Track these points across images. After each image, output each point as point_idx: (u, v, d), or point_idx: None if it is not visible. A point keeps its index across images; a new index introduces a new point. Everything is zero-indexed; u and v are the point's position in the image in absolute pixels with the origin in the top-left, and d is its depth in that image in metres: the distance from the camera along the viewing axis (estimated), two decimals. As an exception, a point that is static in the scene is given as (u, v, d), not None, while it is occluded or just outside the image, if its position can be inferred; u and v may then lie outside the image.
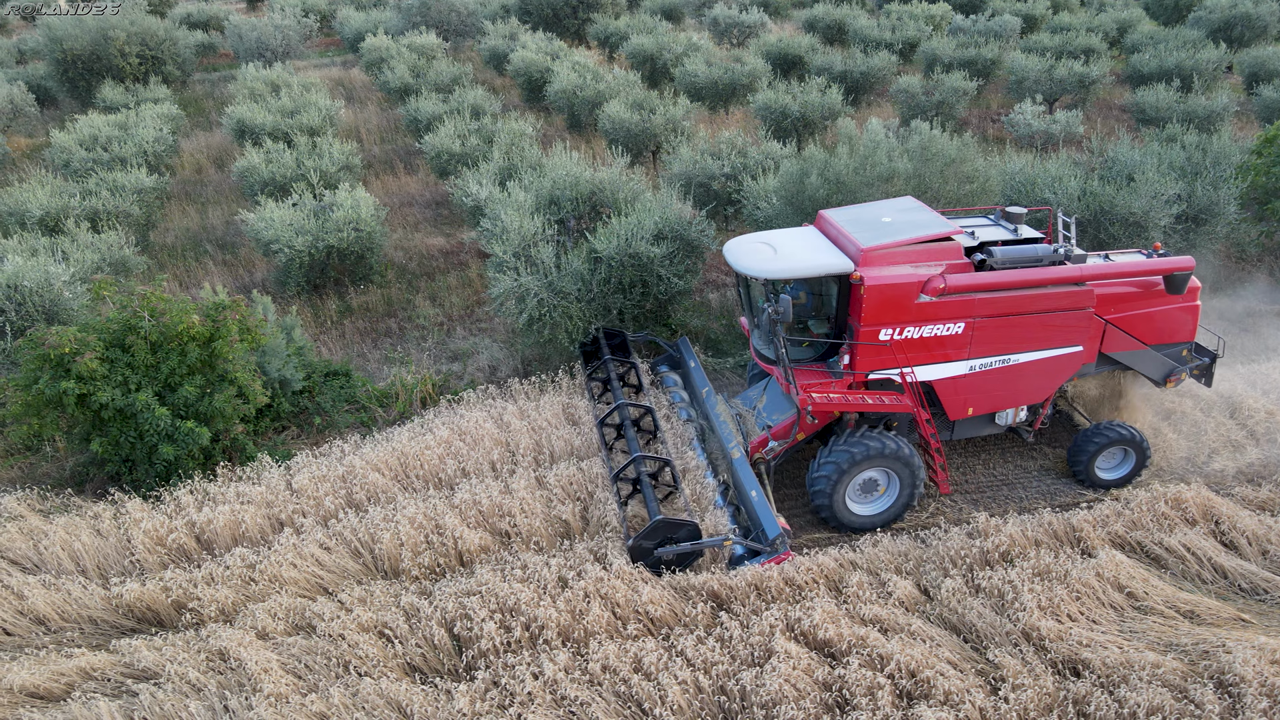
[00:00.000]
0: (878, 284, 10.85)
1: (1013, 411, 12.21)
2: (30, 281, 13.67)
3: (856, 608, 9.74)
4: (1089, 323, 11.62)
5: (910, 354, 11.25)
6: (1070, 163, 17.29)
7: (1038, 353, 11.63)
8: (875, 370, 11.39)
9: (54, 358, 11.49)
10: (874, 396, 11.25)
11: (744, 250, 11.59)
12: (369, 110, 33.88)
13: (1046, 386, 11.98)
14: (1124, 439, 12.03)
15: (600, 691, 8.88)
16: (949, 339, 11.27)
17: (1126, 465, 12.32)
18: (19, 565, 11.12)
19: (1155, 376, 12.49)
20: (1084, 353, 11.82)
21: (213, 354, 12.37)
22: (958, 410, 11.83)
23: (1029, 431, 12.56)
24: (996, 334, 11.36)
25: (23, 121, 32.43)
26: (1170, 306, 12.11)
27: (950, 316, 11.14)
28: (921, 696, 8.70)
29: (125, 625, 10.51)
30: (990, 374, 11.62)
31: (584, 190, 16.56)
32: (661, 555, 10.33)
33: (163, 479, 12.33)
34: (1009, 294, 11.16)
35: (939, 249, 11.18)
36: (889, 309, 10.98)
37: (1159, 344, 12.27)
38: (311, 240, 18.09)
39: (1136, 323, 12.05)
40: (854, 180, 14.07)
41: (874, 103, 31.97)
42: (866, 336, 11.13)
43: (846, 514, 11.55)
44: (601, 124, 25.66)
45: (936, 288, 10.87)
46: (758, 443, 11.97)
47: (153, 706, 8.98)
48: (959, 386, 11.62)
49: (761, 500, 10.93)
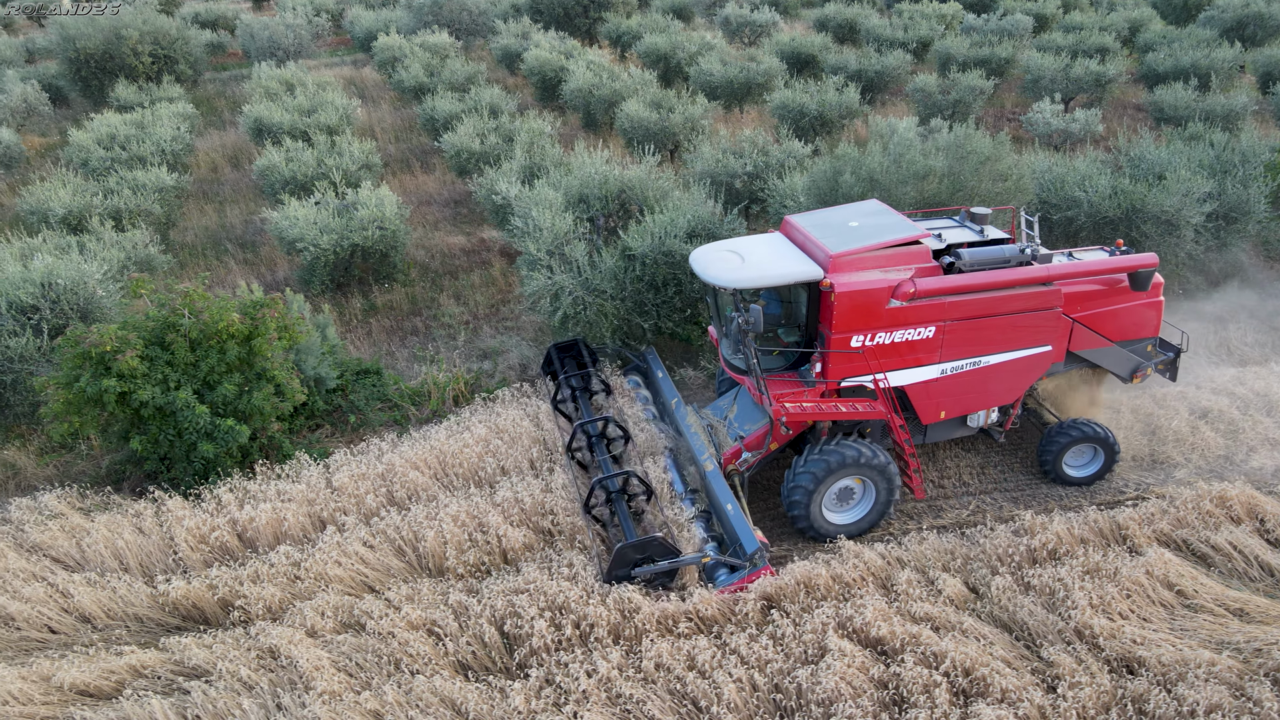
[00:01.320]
0: (848, 290, 10.70)
1: (984, 413, 12.12)
2: (64, 279, 13.65)
3: (907, 606, 9.73)
4: (1057, 322, 11.57)
5: (882, 360, 11.14)
6: (1098, 161, 17.28)
7: (1008, 354, 11.58)
8: (848, 377, 11.26)
9: (95, 356, 11.47)
10: (847, 404, 11.14)
11: (711, 259, 11.34)
12: (382, 109, 33.86)
13: (1017, 387, 11.93)
14: (1092, 437, 12.05)
15: (654, 689, 8.87)
16: (920, 343, 11.17)
17: (1096, 463, 12.36)
18: (61, 563, 11.10)
19: (1122, 373, 12.50)
20: (1053, 352, 11.78)
21: (251, 352, 12.35)
22: (930, 414, 11.76)
23: (1000, 432, 12.49)
24: (967, 336, 11.28)
25: (36, 120, 32.42)
26: (1135, 303, 12.14)
27: (921, 321, 11.04)
28: (978, 695, 8.69)
29: (171, 623, 10.49)
30: (961, 376, 11.56)
31: (612, 188, 16.54)
32: (639, 575, 10.01)
33: (201, 477, 12.31)
34: (978, 296, 11.09)
35: (907, 253, 11.04)
36: (860, 315, 10.85)
37: (1124, 340, 12.30)
38: (337, 239, 18.07)
39: (1103, 320, 12.04)
40: (888, 178, 14.04)
41: (888, 102, 31.94)
42: (838, 344, 10.99)
43: (823, 523, 11.38)
44: (620, 122, 25.63)
45: (907, 292, 10.75)
46: (731, 454, 11.72)
47: (205, 704, 8.96)
48: (931, 390, 11.54)
49: (738, 514, 10.68)
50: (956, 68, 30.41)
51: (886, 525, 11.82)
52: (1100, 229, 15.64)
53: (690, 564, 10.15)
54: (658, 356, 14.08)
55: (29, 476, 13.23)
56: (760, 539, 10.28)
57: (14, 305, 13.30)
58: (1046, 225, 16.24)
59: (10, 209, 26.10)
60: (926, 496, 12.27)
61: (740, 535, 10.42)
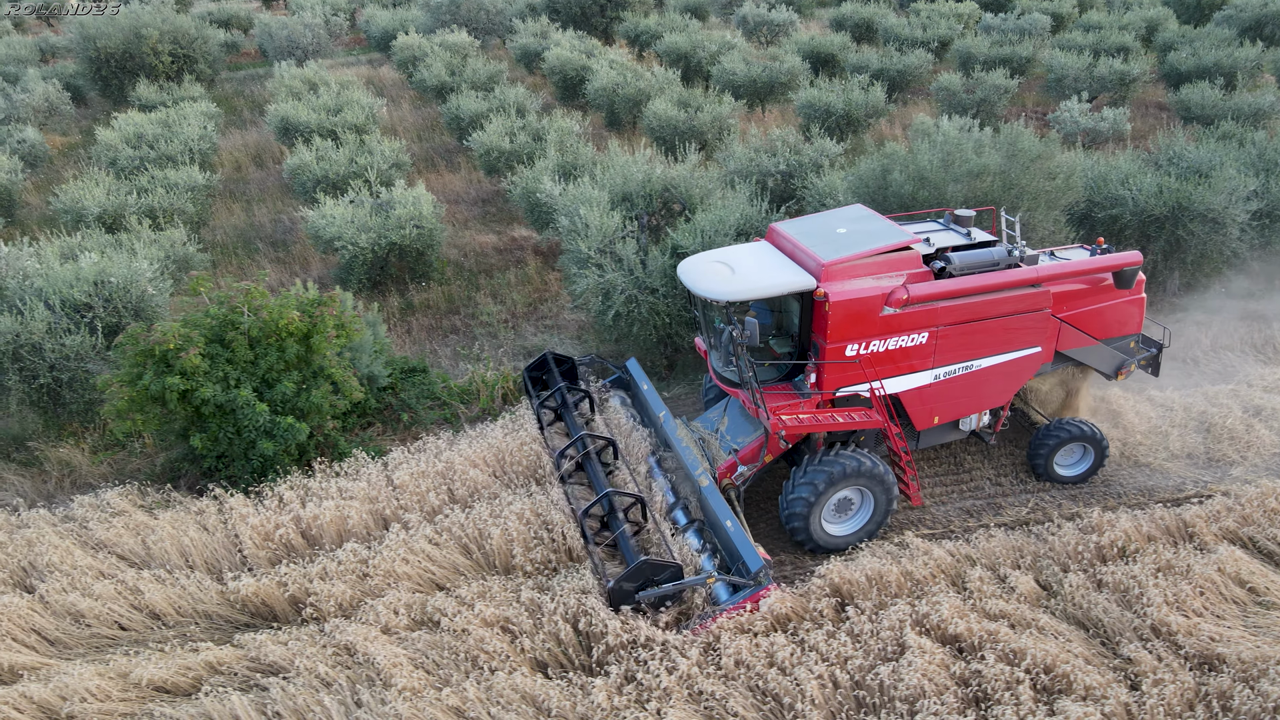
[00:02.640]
0: (843, 299, 10.52)
1: (976, 416, 12.07)
2: (116, 278, 13.65)
3: (981, 603, 9.74)
4: (1047, 323, 11.53)
5: (877, 368, 10.99)
6: (1138, 159, 17.30)
7: (999, 356, 11.51)
8: (843, 387, 11.09)
9: (158, 353, 11.47)
10: (844, 414, 10.96)
11: (700, 271, 11.02)
12: (403, 108, 33.86)
13: (1009, 389, 11.89)
14: (1081, 436, 12.07)
15: (735, 686, 8.88)
16: (914, 349, 11.05)
17: (1085, 462, 12.37)
18: (127, 560, 11.11)
19: (1107, 370, 12.51)
20: (1042, 353, 11.75)
21: (309, 350, 12.36)
22: (924, 420, 11.66)
23: (990, 434, 12.45)
24: (959, 341, 11.20)
25: (57, 120, 32.40)
26: (1119, 301, 12.14)
27: (915, 327, 10.92)
28: (1059, 692, 8.70)
29: (239, 620, 10.50)
30: (954, 381, 11.47)
31: (656, 187, 16.56)
32: (642, 599, 9.69)
33: (258, 475, 12.31)
34: (970, 300, 11.00)
35: (899, 259, 10.89)
36: (854, 324, 10.69)
37: (1109, 338, 12.30)
38: (375, 237, 18.08)
39: (1088, 319, 12.02)
40: (939, 176, 14.05)
41: (910, 100, 31.96)
42: (833, 354, 10.81)
43: (823, 535, 11.19)
44: (646, 121, 25.65)
45: (900, 299, 10.63)
46: (726, 468, 11.44)
47: (284, 700, 8.97)
48: (925, 396, 11.44)
49: (739, 531, 10.30)
50: (979, 67, 30.43)
51: (884, 534, 11.60)
52: (1146, 227, 15.66)
53: (694, 585, 9.82)
54: (640, 368, 13.56)
55: (85, 474, 13.24)
56: (763, 556, 9.97)
57: (67, 304, 13.31)
58: (1089, 223, 16.26)
59: (36, 208, 26.12)
60: (923, 503, 12.11)
61: (743, 553, 10.06)
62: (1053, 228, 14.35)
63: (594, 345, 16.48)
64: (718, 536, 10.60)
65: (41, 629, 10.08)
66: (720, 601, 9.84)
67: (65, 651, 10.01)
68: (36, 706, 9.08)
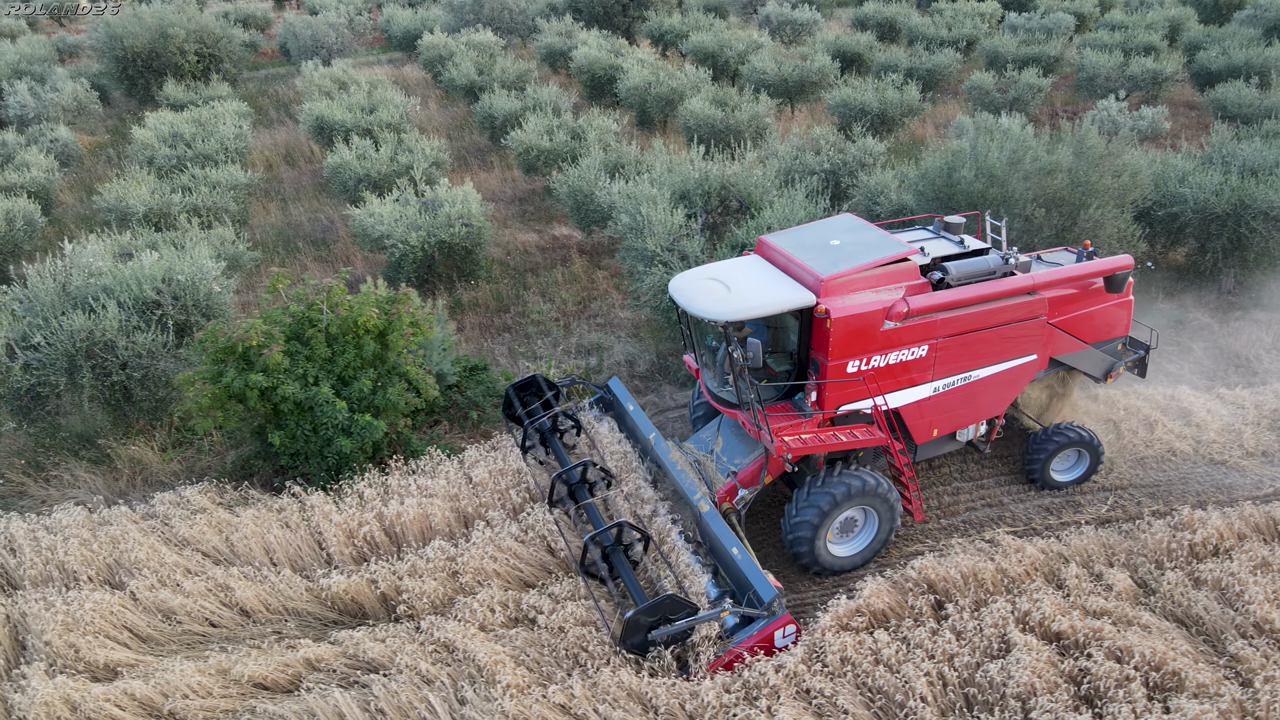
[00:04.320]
0: (844, 315, 10.16)
1: (973, 427, 11.92)
2: (183, 275, 13.62)
3: (1081, 600, 9.71)
4: (1042, 331, 11.39)
5: (878, 383, 10.68)
6: (1193, 157, 17.29)
7: (996, 366, 11.33)
8: (844, 404, 10.76)
9: (240, 351, 11.44)
10: (846, 432, 10.65)
11: (694, 290, 10.55)
12: (430, 108, 33.83)
13: (1006, 398, 11.74)
14: (1078, 441, 11.99)
15: (843, 683, 8.85)
16: (914, 363, 10.78)
17: (1081, 466, 12.30)
18: (211, 558, 11.08)
19: (1097, 374, 12.44)
20: (1038, 361, 11.60)
21: (385, 347, 12.33)
22: (923, 433, 11.42)
23: (985, 443, 12.24)
24: (958, 352, 10.98)
25: (85, 119, 32.36)
26: (1108, 304, 12.01)
27: (915, 340, 10.64)
28: (1170, 690, 8.67)
29: (329, 617, 10.47)
30: (953, 393, 11.26)
31: (714, 185, 16.54)
32: (657, 639, 9.16)
33: (333, 473, 12.28)
34: (969, 311, 10.79)
35: (897, 271, 10.59)
36: (856, 340, 10.35)
37: (1099, 341, 12.20)
38: (424, 236, 18.05)
39: (1080, 323, 11.88)
40: (1008, 174, 14.03)
41: (940, 100, 31.95)
42: (835, 371, 10.44)
43: (828, 557, 10.89)
44: (683, 120, 25.63)
45: (900, 312, 10.32)
46: (726, 491, 10.98)
47: (387, 697, 8.93)
48: (924, 409, 11.18)
49: (746, 558, 9.79)
50: (1010, 66, 30.43)
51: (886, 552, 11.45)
52: (1207, 225, 15.65)
53: (709, 620, 9.30)
54: (623, 387, 13.04)
55: (155, 472, 13.20)
56: (775, 584, 9.49)
57: (137, 301, 13.27)
58: (1148, 221, 16.24)
59: (71, 207, 26.10)
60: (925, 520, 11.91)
61: (754, 582, 9.54)
62: (1122, 226, 14.34)
63: (652, 343, 16.45)
64: (723, 565, 10.10)
65: (133, 626, 10.05)
66: (732, 634, 9.38)
67: (157, 648, 9.97)
68: (138, 704, 9.04)
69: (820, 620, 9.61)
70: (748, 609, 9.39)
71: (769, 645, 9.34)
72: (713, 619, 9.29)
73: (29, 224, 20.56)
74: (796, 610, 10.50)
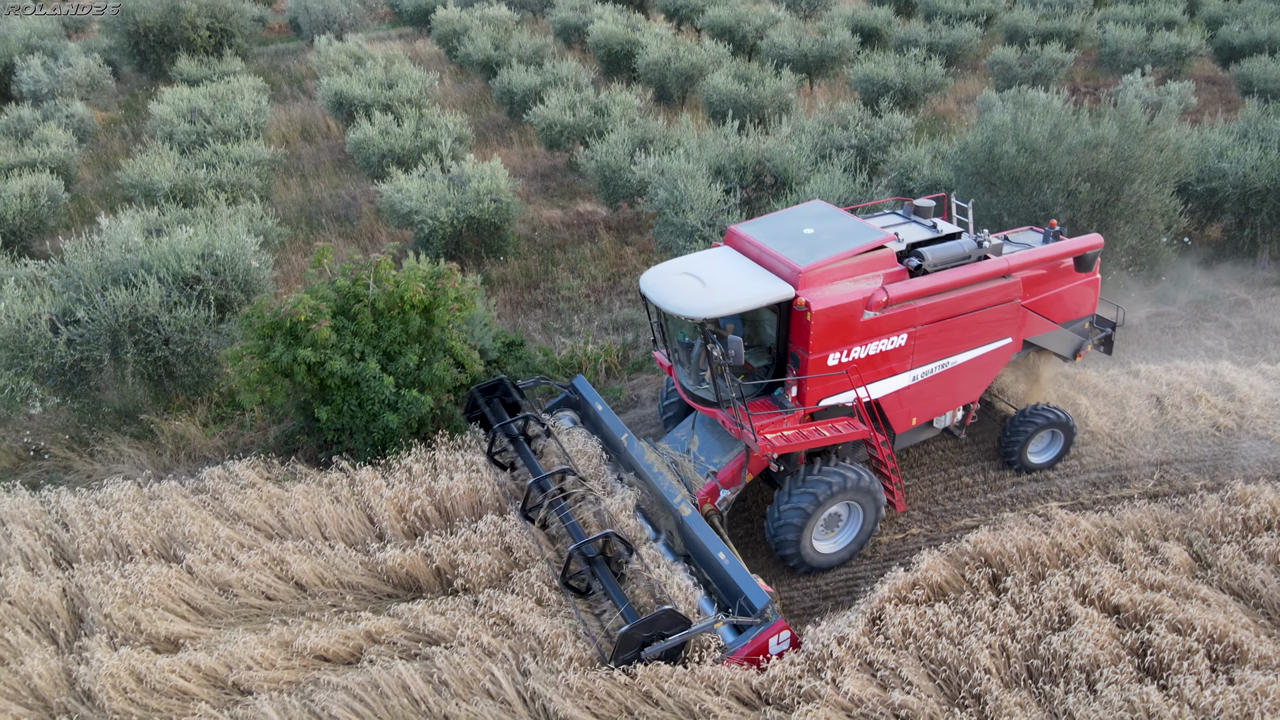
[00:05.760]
0: (824, 307, 9.84)
1: (951, 413, 11.83)
2: (222, 251, 13.56)
3: (1139, 574, 9.74)
4: (1017, 313, 11.28)
5: (859, 375, 10.46)
6: (1230, 132, 17.17)
7: (973, 351, 11.22)
8: (825, 398, 10.52)
9: (287, 325, 11.41)
10: (828, 427, 10.42)
11: (666, 286, 10.18)
12: (446, 83, 33.55)
13: (983, 383, 11.67)
14: (1054, 422, 11.93)
15: (905, 656, 8.90)
16: (893, 352, 10.58)
17: (1055, 447, 12.25)
18: (263, 532, 11.09)
19: (1066, 353, 12.40)
20: (1013, 344, 11.54)
21: (430, 322, 12.29)
22: (903, 423, 11.27)
23: (960, 429, 12.18)
24: (937, 339, 10.83)
25: (98, 95, 32.12)
26: (1077, 284, 11.96)
27: (894, 329, 10.42)
28: (1232, 662, 8.71)
29: (384, 591, 10.50)
30: (931, 380, 11.12)
31: (749, 160, 16.44)
32: (649, 656, 8.77)
33: (378, 448, 12.27)
34: (946, 297, 10.62)
35: (874, 259, 10.35)
36: (836, 332, 10.06)
37: (1067, 321, 12.15)
38: (453, 211, 17.96)
39: (1050, 304, 11.81)
40: (1050, 148, 13.93)
41: (960, 75, 31.69)
42: (815, 365, 10.15)
43: (814, 555, 10.70)
44: (705, 95, 25.47)
45: (879, 301, 10.08)
46: (707, 492, 10.68)
47: (450, 670, 8.96)
48: (903, 398, 11.03)
49: (735, 564, 9.48)
50: (1032, 40, 30.18)
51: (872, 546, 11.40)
52: (1247, 200, 15.57)
53: (702, 633, 8.97)
54: (589, 386, 12.71)
55: (198, 447, 13.21)
56: (766, 590, 9.22)
57: (176, 277, 13.22)
58: (1185, 197, 16.15)
59: (90, 183, 25.96)
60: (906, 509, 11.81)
61: (744, 589, 9.19)
62: (1165, 201, 14.26)
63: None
64: (710, 571, 9.74)
65: (191, 599, 10.08)
66: (726, 644, 9.05)
67: (215, 621, 10.01)
68: (203, 675, 9.09)
69: (878, 591, 9.63)
70: (740, 618, 9.05)
71: (764, 653, 9.02)
72: (705, 631, 8.94)
73: (53, 200, 20.45)
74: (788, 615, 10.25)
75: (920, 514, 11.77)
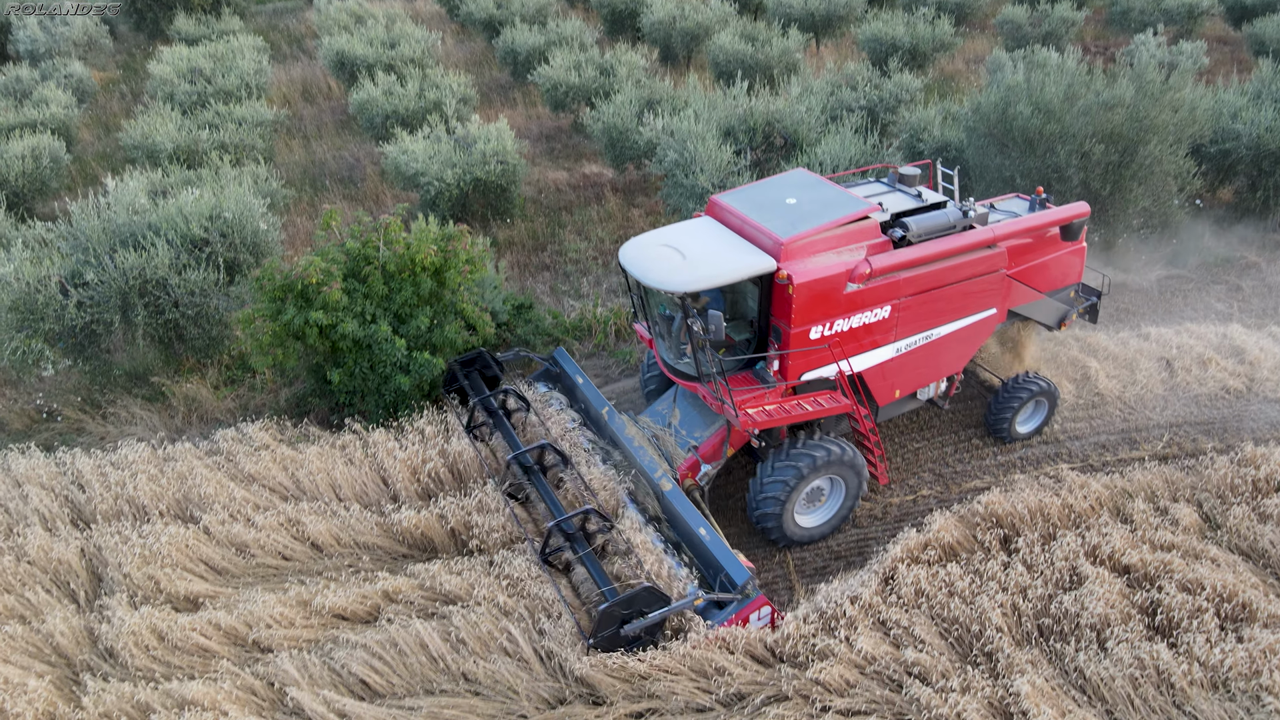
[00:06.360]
0: (806, 280, 9.62)
1: (934, 385, 11.70)
2: (230, 213, 13.47)
3: (1149, 534, 9.82)
4: (1002, 284, 11.10)
5: (841, 348, 10.29)
6: (1243, 93, 17.00)
7: (958, 322, 11.05)
8: (808, 371, 10.34)
9: (299, 288, 11.38)
10: (811, 401, 10.26)
11: (647, 259, 9.93)
12: (448, 43, 33.14)
13: (967, 354, 11.52)
14: (1042, 391, 11.86)
15: (918, 615, 9.00)
16: (877, 325, 10.38)
17: (1039, 416, 12.20)
18: (277, 493, 11.16)
19: (1051, 322, 12.29)
20: (998, 314, 11.38)
21: (441, 284, 12.26)
22: (886, 395, 11.10)
23: (944, 400, 12.03)
24: (921, 311, 10.64)
25: (96, 54, 31.73)
26: (1063, 252, 11.79)
27: (877, 301, 10.22)
28: (1241, 620, 8.81)
29: (399, 551, 10.58)
30: (916, 352, 10.93)
31: (759, 120, 16.29)
32: (629, 633, 8.60)
33: (390, 410, 12.31)
34: (931, 268, 10.42)
35: (858, 230, 10.09)
36: (818, 305, 9.85)
37: (1053, 290, 12.00)
38: (460, 173, 17.83)
39: (1035, 273, 11.63)
40: (1064, 109, 13.79)
41: (968, 34, 31.28)
42: (798, 339, 9.96)
43: (795, 529, 10.61)
44: (712, 55, 25.17)
45: (863, 274, 9.86)
46: (687, 467, 10.57)
47: (467, 628, 9.07)
48: (887, 371, 10.84)
49: (715, 539, 9.37)
50: (1045, 0, 29.74)
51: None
52: (1260, 161, 15.45)
53: (682, 609, 8.83)
54: (570, 357, 12.60)
55: (210, 409, 13.24)
56: (747, 565, 9.16)
57: (185, 239, 13.16)
58: (1199, 159, 16.03)
59: (90, 144, 25.73)
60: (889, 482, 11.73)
61: (725, 564, 9.12)
62: (1179, 163, 14.15)
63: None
64: (691, 547, 9.67)
65: (209, 559, 10.17)
66: (706, 620, 8.91)
67: (233, 581, 10.11)
68: (223, 633, 9.20)
69: (890, 552, 9.72)
70: (720, 594, 8.99)
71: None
72: (685, 608, 8.84)
73: (55, 161, 20.29)
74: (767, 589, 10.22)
75: (931, 475, 11.84)
